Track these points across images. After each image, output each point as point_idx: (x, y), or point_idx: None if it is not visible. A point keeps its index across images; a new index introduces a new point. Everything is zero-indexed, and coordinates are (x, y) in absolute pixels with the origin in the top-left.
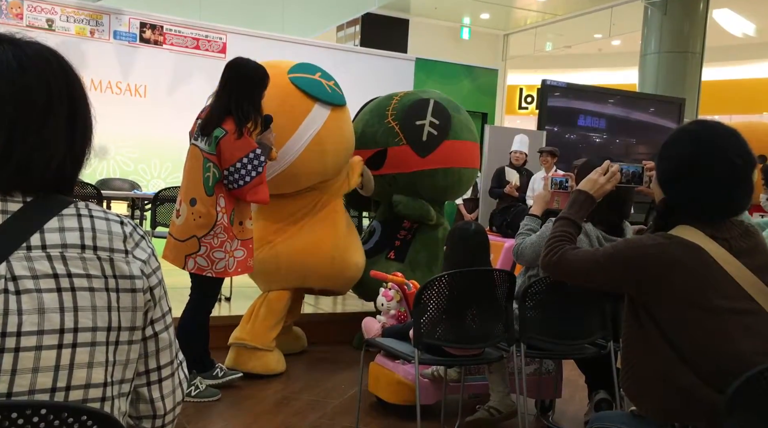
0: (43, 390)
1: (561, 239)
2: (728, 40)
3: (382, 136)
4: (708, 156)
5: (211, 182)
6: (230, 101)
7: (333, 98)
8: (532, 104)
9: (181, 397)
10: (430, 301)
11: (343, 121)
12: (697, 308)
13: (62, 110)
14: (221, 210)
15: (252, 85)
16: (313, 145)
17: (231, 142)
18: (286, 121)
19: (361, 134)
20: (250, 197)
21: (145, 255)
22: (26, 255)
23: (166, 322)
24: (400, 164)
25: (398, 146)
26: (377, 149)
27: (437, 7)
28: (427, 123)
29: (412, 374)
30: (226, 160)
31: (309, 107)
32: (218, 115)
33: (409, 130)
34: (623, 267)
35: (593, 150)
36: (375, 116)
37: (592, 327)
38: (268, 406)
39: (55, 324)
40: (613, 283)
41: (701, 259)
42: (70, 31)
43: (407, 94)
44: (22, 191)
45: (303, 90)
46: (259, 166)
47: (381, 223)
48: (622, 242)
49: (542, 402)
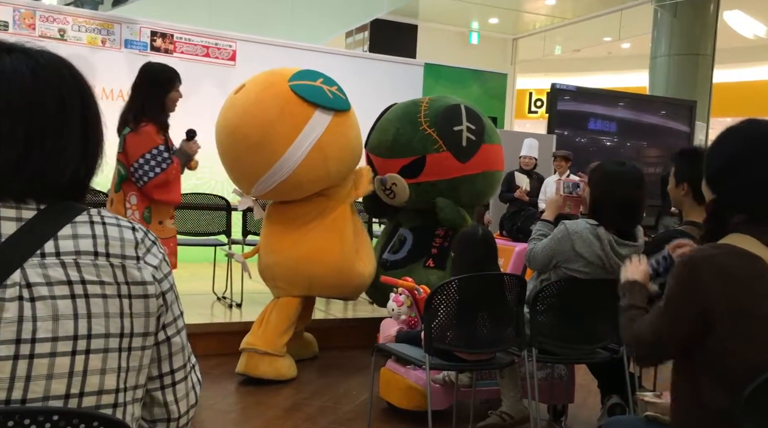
0: (57, 396)
1: (632, 319)
2: (739, 42)
3: (419, 143)
4: (759, 154)
5: (118, 180)
6: (135, 104)
7: (335, 103)
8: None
9: (195, 400)
10: (441, 306)
11: (348, 126)
12: (748, 316)
13: (75, 118)
14: (131, 207)
15: (158, 87)
16: (314, 151)
17: (133, 139)
18: (287, 129)
19: (394, 142)
20: (157, 195)
21: (157, 260)
22: (40, 262)
23: (178, 326)
24: (441, 171)
25: (438, 153)
26: (415, 157)
27: (446, 12)
28: (464, 128)
29: (423, 379)
30: (131, 156)
31: (309, 114)
32: (124, 117)
33: (448, 136)
34: (683, 294)
35: (604, 153)
36: (406, 124)
37: (605, 331)
38: (280, 412)
39: (69, 330)
40: (683, 321)
41: (756, 268)
42: (81, 40)
43: (433, 100)
44: (35, 199)
45: (302, 97)
46: (163, 163)
47: (411, 231)
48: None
49: (555, 407)
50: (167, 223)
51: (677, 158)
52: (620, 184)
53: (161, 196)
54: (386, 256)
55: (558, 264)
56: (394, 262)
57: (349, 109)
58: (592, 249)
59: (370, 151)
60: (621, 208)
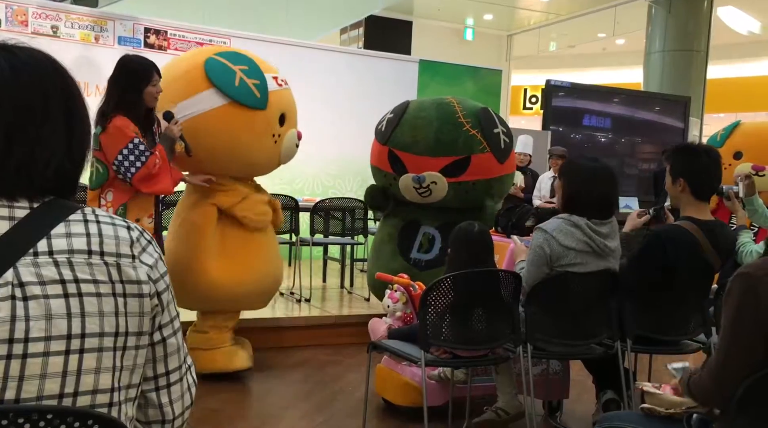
0: (51, 396)
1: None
2: (733, 38)
3: (465, 143)
4: None
5: (95, 177)
6: (111, 98)
7: (233, 92)
8: (537, 104)
9: (190, 402)
10: (436, 303)
11: (242, 123)
12: None
13: (58, 113)
14: (106, 204)
15: (135, 80)
16: (189, 122)
17: (106, 138)
18: (180, 87)
19: (437, 142)
20: (145, 189)
21: (152, 260)
22: (33, 261)
23: (174, 327)
24: (483, 171)
25: (483, 154)
26: (460, 157)
27: (440, 9)
28: (501, 131)
29: (419, 376)
30: (110, 154)
31: (203, 88)
32: (101, 111)
33: (491, 137)
34: (742, 316)
35: (599, 149)
36: (446, 124)
37: (599, 327)
38: (275, 409)
39: (63, 330)
40: (747, 348)
41: None
42: (74, 37)
43: (460, 102)
44: (27, 197)
45: (206, 71)
46: (141, 156)
47: (438, 230)
48: None
49: (550, 403)
50: (144, 222)
51: (672, 154)
52: (596, 182)
53: (149, 188)
54: (418, 256)
55: (552, 266)
56: (429, 262)
57: (253, 107)
58: (576, 237)
59: (398, 148)
60: (598, 204)
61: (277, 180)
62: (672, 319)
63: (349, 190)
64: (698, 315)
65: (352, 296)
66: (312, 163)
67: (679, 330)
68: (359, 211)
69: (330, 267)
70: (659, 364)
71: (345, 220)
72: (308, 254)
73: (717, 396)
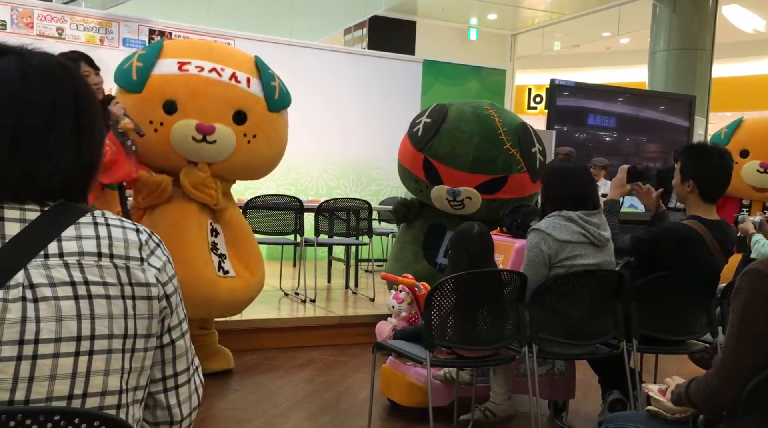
0: (60, 397)
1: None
2: (738, 36)
3: (504, 162)
4: None
5: None
6: None
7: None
8: (541, 104)
9: (197, 403)
10: (441, 303)
11: (124, 104)
12: None
13: (67, 121)
14: None
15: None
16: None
17: None
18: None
19: (476, 160)
20: (106, 180)
21: (160, 262)
22: (44, 263)
23: (182, 329)
24: (517, 190)
25: (520, 174)
26: (497, 175)
27: (444, 9)
28: (537, 150)
29: (423, 376)
30: None
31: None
32: None
33: (528, 157)
34: (751, 311)
35: (603, 148)
36: (487, 141)
37: (604, 327)
38: (281, 409)
39: (72, 331)
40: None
41: None
42: (80, 39)
43: (500, 113)
44: (36, 200)
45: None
46: None
47: None
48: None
49: (555, 403)
50: None
51: (683, 154)
52: (572, 181)
53: (109, 178)
54: (444, 261)
55: (552, 264)
56: None
57: (129, 90)
58: (571, 230)
59: (435, 158)
60: (574, 200)
61: (281, 180)
62: (678, 319)
63: (354, 190)
64: (704, 315)
65: (357, 296)
66: (316, 163)
67: (685, 330)
68: (363, 211)
69: (335, 267)
70: (665, 364)
71: (349, 221)
72: (313, 254)
73: (723, 395)
